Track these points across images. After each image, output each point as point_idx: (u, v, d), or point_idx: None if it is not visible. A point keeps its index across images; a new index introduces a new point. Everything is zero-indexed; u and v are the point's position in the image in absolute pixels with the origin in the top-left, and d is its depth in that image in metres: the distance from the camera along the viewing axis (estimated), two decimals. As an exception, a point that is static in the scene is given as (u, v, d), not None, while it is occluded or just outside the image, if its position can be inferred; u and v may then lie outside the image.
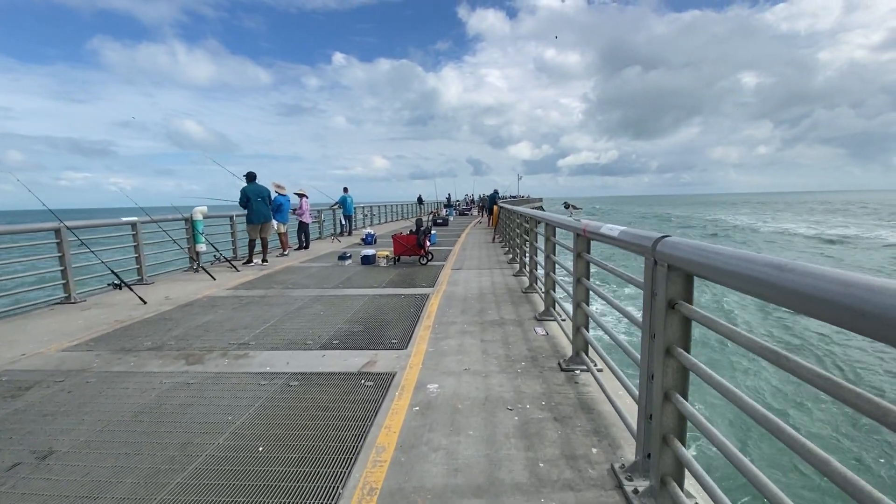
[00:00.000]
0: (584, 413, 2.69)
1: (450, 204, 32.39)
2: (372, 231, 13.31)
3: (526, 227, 7.01)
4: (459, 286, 6.56)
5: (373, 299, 5.83)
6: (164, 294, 6.52)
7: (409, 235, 8.91)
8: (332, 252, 11.13)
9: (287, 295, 6.24)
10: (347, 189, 16.80)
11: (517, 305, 5.31)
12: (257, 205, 9.13)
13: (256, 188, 9.13)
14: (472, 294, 6.00)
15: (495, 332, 4.30)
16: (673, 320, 1.73)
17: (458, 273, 7.71)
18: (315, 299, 5.92)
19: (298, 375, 3.41)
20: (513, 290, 6.17)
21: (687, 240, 1.67)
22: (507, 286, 6.49)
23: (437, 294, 6.04)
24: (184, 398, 3.08)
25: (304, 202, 11.81)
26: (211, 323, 4.92)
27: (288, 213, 10.85)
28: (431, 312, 5.08)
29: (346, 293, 6.26)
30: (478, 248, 11.70)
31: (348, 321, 4.82)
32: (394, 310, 5.27)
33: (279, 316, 5.13)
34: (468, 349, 3.84)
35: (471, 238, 14.55)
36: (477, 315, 4.92)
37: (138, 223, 7.50)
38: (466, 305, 5.37)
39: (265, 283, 7.14)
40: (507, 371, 3.35)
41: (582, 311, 3.23)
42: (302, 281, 7.27)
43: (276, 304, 5.75)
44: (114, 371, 3.63)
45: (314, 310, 5.37)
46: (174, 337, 4.47)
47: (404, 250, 8.80)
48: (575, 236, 3.22)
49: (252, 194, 9.09)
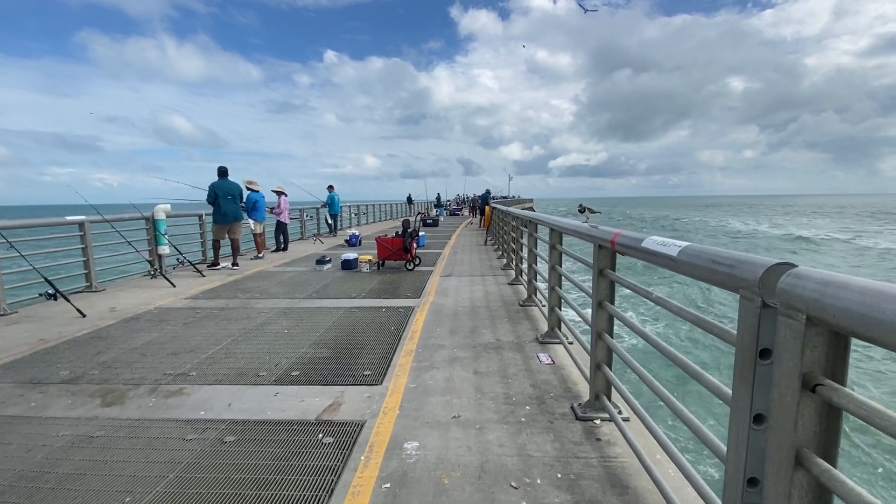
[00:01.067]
0: (615, 494, 1.96)
1: (440, 204, 31.59)
2: (357, 232, 12.51)
3: (522, 231, 6.29)
4: (449, 297, 5.82)
5: (349, 313, 5.06)
6: (111, 304, 5.68)
7: (394, 238, 8.15)
8: (311, 255, 10.32)
9: (251, 307, 5.44)
10: (333, 187, 15.96)
11: (515, 323, 4.58)
12: (226, 203, 8.31)
13: (226, 185, 8.30)
14: (464, 307, 5.26)
15: (491, 359, 3.57)
16: (809, 408, 1.02)
17: (448, 281, 6.97)
18: (282, 313, 5.13)
19: (238, 425, 2.64)
20: (509, 303, 5.44)
21: (840, 275, 0.96)
22: (502, 297, 5.76)
23: (423, 307, 5.29)
24: (77, 462, 2.30)
25: (283, 200, 10.97)
26: (152, 344, 4.12)
27: (264, 211, 10.02)
28: (416, 331, 4.33)
29: (319, 305, 5.48)
30: (469, 251, 10.97)
31: (316, 343, 4.05)
32: (372, 328, 4.51)
33: (235, 335, 4.34)
34: (458, 386, 3.10)
35: (462, 240, 13.82)
36: (469, 336, 4.19)
37: (87, 223, 6.63)
38: (456, 323, 4.63)
39: (230, 292, 6.33)
40: (507, 420, 2.62)
41: (604, 344, 2.51)
42: (272, 289, 6.47)
43: (236, 318, 4.96)
44: (4, 416, 2.83)
45: (278, 327, 4.59)
46: (100, 364, 3.66)
47: (389, 254, 8.03)
48: (596, 248, 2.50)
49: (221, 191, 8.26)
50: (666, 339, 10.79)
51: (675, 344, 10.60)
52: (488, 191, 21.78)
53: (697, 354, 9.83)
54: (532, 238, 5.06)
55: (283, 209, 10.92)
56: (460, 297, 5.78)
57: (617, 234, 2.16)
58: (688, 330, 10.98)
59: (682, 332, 11.08)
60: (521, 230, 6.33)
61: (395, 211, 28.94)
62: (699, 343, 10.28)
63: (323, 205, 15.77)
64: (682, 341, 10.65)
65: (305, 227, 14.89)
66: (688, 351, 9.99)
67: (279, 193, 11.02)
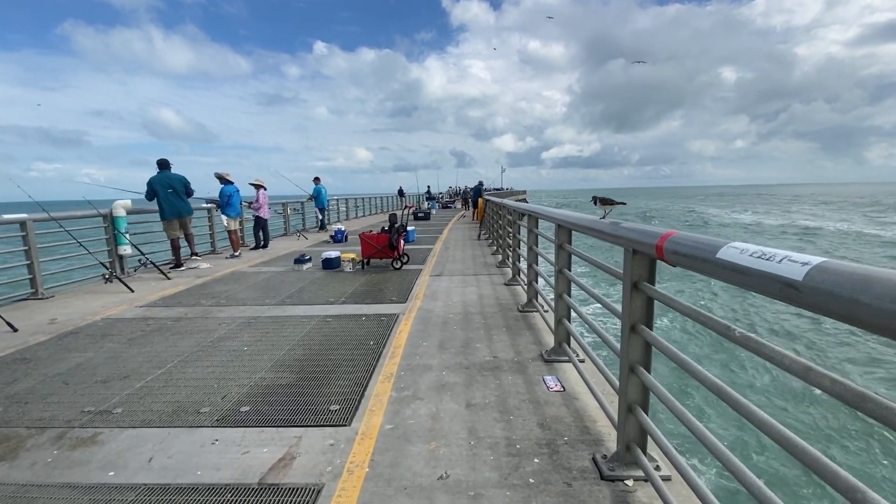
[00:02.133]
0: None
1: (431, 196, 30.84)
2: (342, 227, 11.79)
3: (520, 226, 5.65)
4: (439, 301, 5.17)
5: (323, 324, 4.40)
6: (53, 315, 4.96)
7: (379, 234, 7.47)
8: (293, 252, 9.61)
9: (212, 317, 4.76)
10: (319, 179, 15.18)
11: (515, 334, 3.95)
12: (167, 197, 7.40)
13: (166, 177, 7.39)
14: (455, 314, 4.62)
15: (487, 385, 2.93)
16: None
17: (439, 281, 6.32)
18: (246, 324, 4.46)
19: (154, 494, 1.98)
20: (507, 308, 4.81)
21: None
22: (498, 301, 5.13)
23: (409, 314, 4.64)
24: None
25: (261, 194, 10.22)
26: (81, 368, 3.43)
27: (239, 205, 9.28)
28: (399, 347, 3.68)
29: (290, 314, 4.81)
30: (462, 246, 10.32)
31: (278, 365, 3.38)
32: (347, 343, 3.85)
33: (185, 354, 3.67)
34: (447, 426, 2.45)
35: (454, 234, 13.16)
36: (461, 352, 3.54)
37: (29, 222, 5.87)
38: (447, 334, 3.98)
39: (193, 297, 5.63)
40: (510, 480, 1.98)
41: (638, 380, 1.88)
42: (241, 294, 5.78)
43: (192, 331, 4.28)
44: None
45: (238, 342, 3.92)
46: (9, 397, 2.98)
47: (374, 252, 7.36)
48: (630, 254, 1.85)
49: (160, 185, 7.36)
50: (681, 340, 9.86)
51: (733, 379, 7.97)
52: (481, 182, 21.09)
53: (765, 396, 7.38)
54: (533, 235, 4.41)
55: (261, 203, 10.17)
56: (452, 301, 5.13)
57: (667, 235, 1.52)
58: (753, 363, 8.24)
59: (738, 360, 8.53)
60: (518, 225, 5.69)
61: (386, 204, 28.17)
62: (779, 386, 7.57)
63: (309, 198, 15.02)
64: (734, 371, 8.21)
65: (290, 222, 14.13)
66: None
67: (257, 187, 10.26)
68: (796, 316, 11.27)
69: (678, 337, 10.03)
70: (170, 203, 7.44)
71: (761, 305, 12.36)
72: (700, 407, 6.63)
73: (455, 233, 13.60)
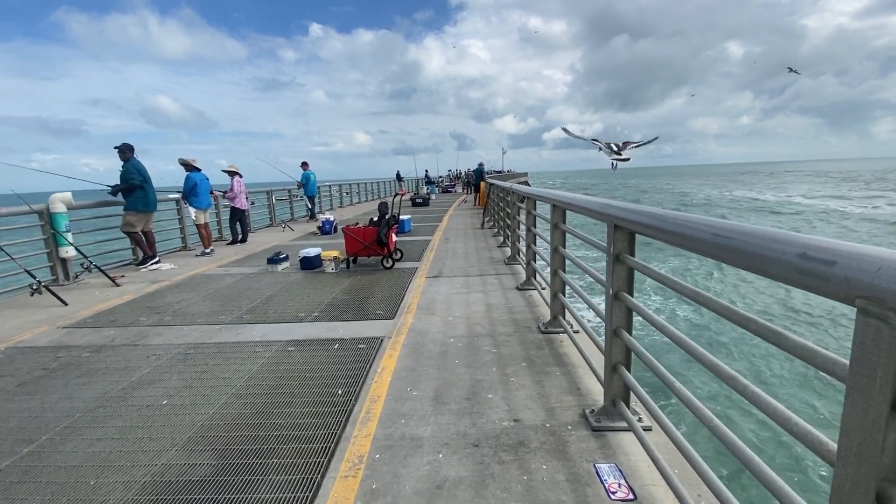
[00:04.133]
0: None
1: (430, 181, 29.48)
2: (331, 217, 10.66)
3: (534, 216, 4.54)
4: (436, 316, 4.08)
5: (281, 356, 3.32)
6: (-53, 342, 3.90)
7: (367, 227, 6.35)
8: (274, 247, 8.52)
9: (144, 343, 3.69)
10: (308, 164, 13.98)
11: (540, 373, 2.85)
12: (150, 186, 6.56)
13: (142, 168, 6.51)
14: (457, 337, 3.53)
15: (510, 487, 1.85)
16: None
17: (437, 285, 5.22)
18: (182, 356, 3.38)
19: None
20: (524, 326, 3.71)
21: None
22: (512, 314, 4.03)
23: (396, 338, 3.56)
24: None
25: (236, 182, 9.07)
26: (-84, 443, 2.38)
27: (208, 196, 8.15)
28: (377, 400, 2.61)
29: (244, 337, 3.73)
30: (464, 237, 9.19)
31: (197, 436, 2.31)
32: (307, 389, 2.78)
33: (82, 410, 2.61)
34: None
35: (455, 223, 12.02)
36: (466, 410, 2.46)
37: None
38: (446, 375, 2.90)
39: (134, 313, 4.55)
40: None
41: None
42: (194, 306, 4.70)
43: (108, 368, 3.21)
44: None
45: (159, 390, 2.85)
46: None
47: (360, 249, 6.25)
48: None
49: (145, 172, 6.51)
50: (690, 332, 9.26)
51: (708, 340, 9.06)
52: (481, 164, 19.77)
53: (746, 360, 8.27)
54: (559, 232, 3.29)
55: (237, 192, 9.03)
56: (453, 316, 4.04)
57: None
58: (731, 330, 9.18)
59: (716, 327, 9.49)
60: (533, 216, 4.57)
61: (382, 190, 26.89)
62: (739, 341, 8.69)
63: (298, 185, 13.85)
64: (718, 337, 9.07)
65: (275, 211, 13.00)
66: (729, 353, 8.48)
67: (232, 174, 9.11)
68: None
69: (662, 308, 11.38)
70: (153, 192, 6.72)
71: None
72: (677, 367, 7.21)
73: (456, 221, 12.46)
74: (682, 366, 7.30)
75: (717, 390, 6.72)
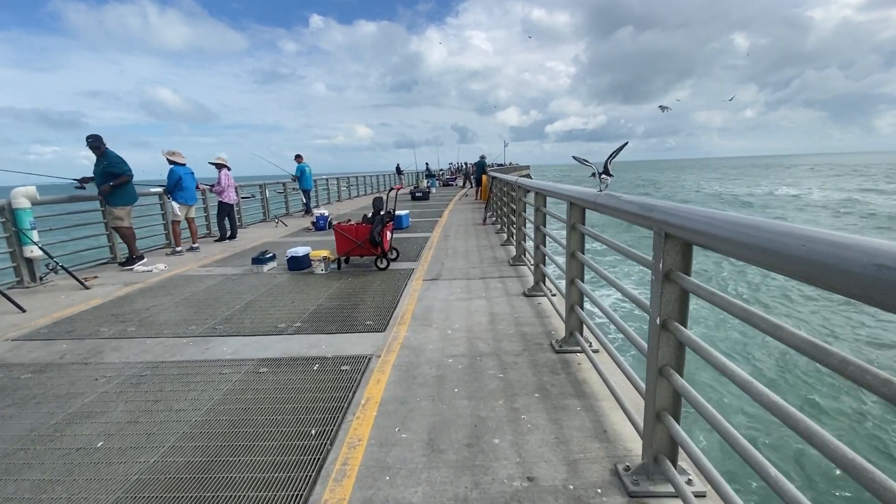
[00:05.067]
0: None
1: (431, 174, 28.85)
2: (326, 213, 10.14)
3: (545, 214, 4.04)
4: (433, 329, 3.58)
5: (251, 379, 2.83)
6: None
7: (359, 225, 5.85)
8: (264, 244, 8.04)
9: (96, 361, 3.20)
10: (302, 157, 13.44)
11: (557, 408, 2.35)
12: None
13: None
14: (456, 357, 3.03)
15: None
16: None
17: (435, 289, 4.73)
18: (136, 378, 2.90)
19: None
20: (534, 343, 3.22)
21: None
22: (519, 328, 3.54)
23: (386, 357, 3.07)
24: None
25: (224, 175, 8.55)
26: None
27: (194, 190, 7.64)
28: (357, 444, 2.12)
29: (212, 354, 3.24)
30: (465, 234, 8.68)
31: (123, 499, 1.83)
32: (275, 429, 2.29)
33: (-10, 459, 2.13)
34: None
35: (455, 217, 11.50)
36: (467, 462, 1.97)
37: None
38: (442, 410, 2.41)
39: (96, 322, 4.07)
40: None
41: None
42: (164, 314, 4.21)
43: (47, 393, 2.74)
44: None
45: (98, 426, 2.36)
46: None
47: (352, 248, 5.75)
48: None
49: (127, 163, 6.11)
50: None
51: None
52: (483, 157, 19.15)
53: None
54: (576, 234, 2.77)
55: (224, 186, 8.51)
56: (451, 329, 3.55)
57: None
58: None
59: None
60: (542, 213, 4.05)
61: (382, 183, 26.31)
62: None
63: (293, 177, 13.32)
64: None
65: (269, 206, 12.48)
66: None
67: (219, 166, 8.58)
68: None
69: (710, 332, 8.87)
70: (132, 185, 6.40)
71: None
72: (737, 415, 5.85)
73: (456, 216, 11.93)
74: (733, 400, 5.98)
75: (800, 449, 5.04)
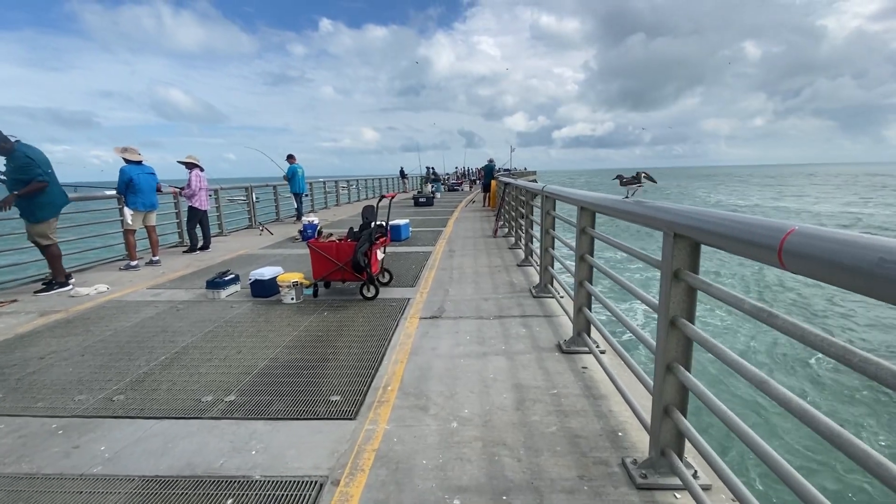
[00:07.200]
0: None
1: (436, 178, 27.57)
2: (315, 220, 8.95)
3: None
4: (429, 422, 2.35)
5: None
6: None
7: (342, 241, 4.65)
8: (238, 257, 6.85)
9: None
10: (294, 157, 12.28)
11: None
12: (55, 182, 4.95)
13: (42, 155, 4.87)
14: (467, 493, 1.81)
15: None
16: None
17: (435, 336, 3.50)
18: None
19: None
20: (593, 457, 1.99)
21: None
22: (562, 418, 2.30)
23: (347, 487, 1.85)
24: None
25: (195, 176, 7.37)
26: None
27: (152, 194, 6.46)
28: None
29: (77, 458, 2.03)
30: (473, 248, 7.44)
31: None
32: None
33: None
34: None
35: (462, 228, 10.26)
36: None
37: None
38: None
39: (-44, 381, 2.88)
40: None
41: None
42: (58, 366, 3.01)
43: None
44: None
45: None
46: None
47: (331, 271, 4.54)
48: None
49: (44, 164, 4.88)
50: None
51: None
52: (492, 161, 17.89)
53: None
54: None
55: (195, 189, 7.33)
56: (458, 422, 2.31)
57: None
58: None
59: None
60: (589, 235, 2.83)
61: (384, 187, 25.16)
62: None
63: (285, 178, 12.16)
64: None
65: (255, 210, 11.32)
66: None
67: (189, 166, 7.41)
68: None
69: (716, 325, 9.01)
70: (59, 190, 5.18)
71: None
72: (742, 407, 5.91)
73: (463, 225, 10.70)
74: (739, 396, 5.96)
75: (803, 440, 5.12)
